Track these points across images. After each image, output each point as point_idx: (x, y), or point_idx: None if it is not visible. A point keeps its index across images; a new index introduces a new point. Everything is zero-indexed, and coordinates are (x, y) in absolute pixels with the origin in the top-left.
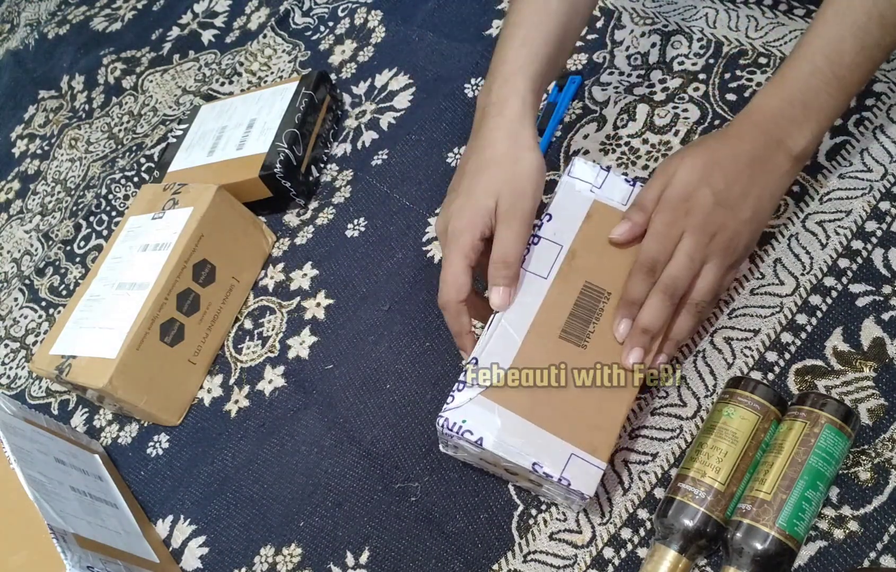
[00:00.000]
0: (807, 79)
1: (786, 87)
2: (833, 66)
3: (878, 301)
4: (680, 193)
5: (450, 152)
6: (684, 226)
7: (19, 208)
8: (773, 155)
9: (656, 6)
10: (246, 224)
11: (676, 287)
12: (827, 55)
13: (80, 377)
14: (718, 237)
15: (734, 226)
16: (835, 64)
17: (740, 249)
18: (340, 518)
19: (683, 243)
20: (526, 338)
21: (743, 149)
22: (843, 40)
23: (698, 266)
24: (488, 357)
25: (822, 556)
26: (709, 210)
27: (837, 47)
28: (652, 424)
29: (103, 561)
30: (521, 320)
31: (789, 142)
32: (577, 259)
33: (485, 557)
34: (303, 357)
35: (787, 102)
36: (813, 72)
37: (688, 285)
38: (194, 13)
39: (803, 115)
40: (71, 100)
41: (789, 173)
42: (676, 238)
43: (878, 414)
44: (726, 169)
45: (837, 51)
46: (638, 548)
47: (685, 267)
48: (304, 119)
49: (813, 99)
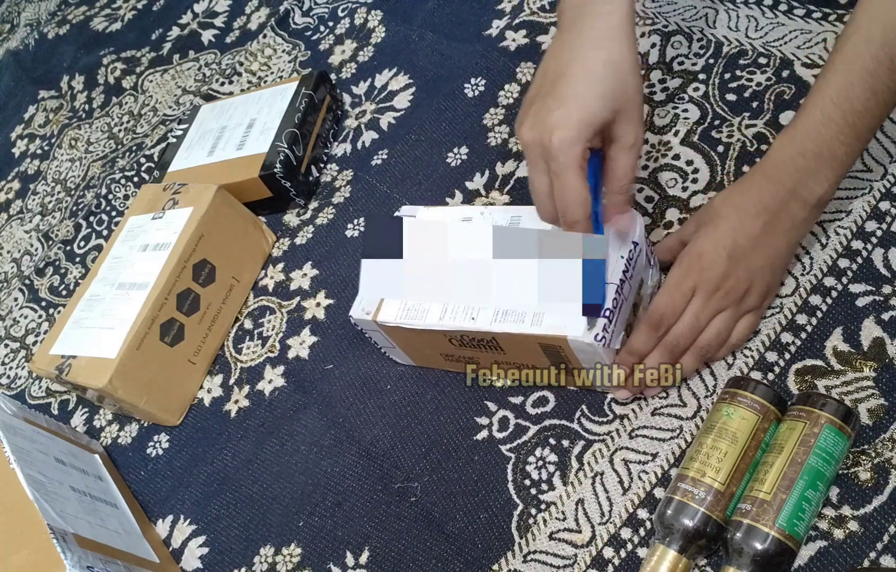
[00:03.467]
0: (818, 128)
1: (797, 139)
2: (844, 114)
3: (878, 301)
4: (695, 250)
5: (450, 152)
6: (696, 281)
7: (19, 208)
8: (787, 205)
9: (656, 6)
10: (246, 224)
11: (679, 346)
12: (837, 103)
13: (80, 377)
14: (729, 290)
15: (746, 276)
16: (846, 112)
17: (753, 297)
18: (340, 518)
19: (693, 303)
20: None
21: (752, 201)
22: (852, 87)
23: (704, 323)
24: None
25: (822, 556)
26: (721, 265)
27: (847, 94)
28: (652, 424)
29: (103, 561)
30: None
31: (804, 192)
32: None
33: (485, 557)
34: (303, 357)
35: (799, 153)
36: (824, 121)
37: (691, 341)
38: (194, 13)
39: (816, 164)
40: (71, 100)
41: (807, 220)
42: (688, 294)
43: (878, 414)
44: (734, 222)
45: (847, 98)
46: (638, 548)
47: (689, 326)
48: (304, 119)
49: (825, 148)
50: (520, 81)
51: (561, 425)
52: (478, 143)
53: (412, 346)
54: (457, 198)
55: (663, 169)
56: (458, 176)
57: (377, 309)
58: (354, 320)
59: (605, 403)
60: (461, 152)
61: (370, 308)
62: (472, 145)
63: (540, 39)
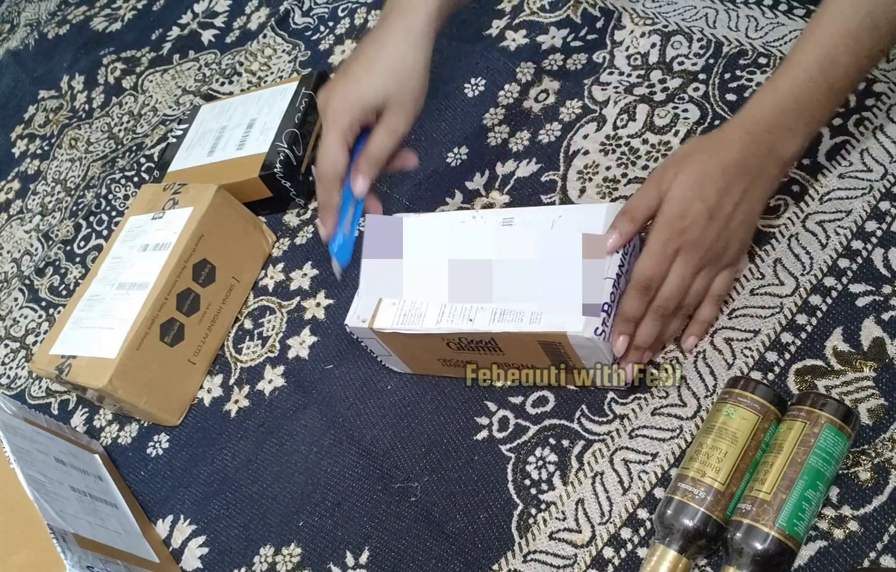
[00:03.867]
0: (801, 87)
1: (780, 96)
2: (827, 75)
3: (878, 301)
4: (676, 211)
5: (450, 152)
6: (680, 243)
7: (19, 208)
8: (764, 163)
9: (656, 6)
10: (246, 224)
11: (669, 307)
12: (821, 64)
13: (80, 377)
14: (711, 250)
15: (726, 235)
16: (829, 73)
17: (731, 253)
18: (340, 517)
19: (678, 263)
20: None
21: (734, 158)
22: (836, 48)
23: (690, 282)
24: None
25: (822, 556)
26: (704, 226)
27: (831, 55)
28: (652, 424)
29: (103, 561)
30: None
31: (780, 149)
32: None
33: (485, 557)
34: (303, 357)
35: (780, 111)
36: (807, 80)
37: (679, 302)
38: (194, 13)
39: (795, 123)
40: (71, 100)
41: (778, 178)
42: (672, 256)
43: (878, 414)
44: (718, 181)
45: (831, 59)
46: (638, 548)
47: (677, 287)
48: (304, 119)
49: (805, 107)
50: (520, 81)
51: (561, 425)
52: (478, 143)
53: (409, 353)
54: (457, 198)
55: None
56: (458, 176)
57: (373, 316)
58: (350, 329)
59: (605, 403)
60: (461, 152)
61: (366, 315)
62: (472, 145)
63: (540, 39)
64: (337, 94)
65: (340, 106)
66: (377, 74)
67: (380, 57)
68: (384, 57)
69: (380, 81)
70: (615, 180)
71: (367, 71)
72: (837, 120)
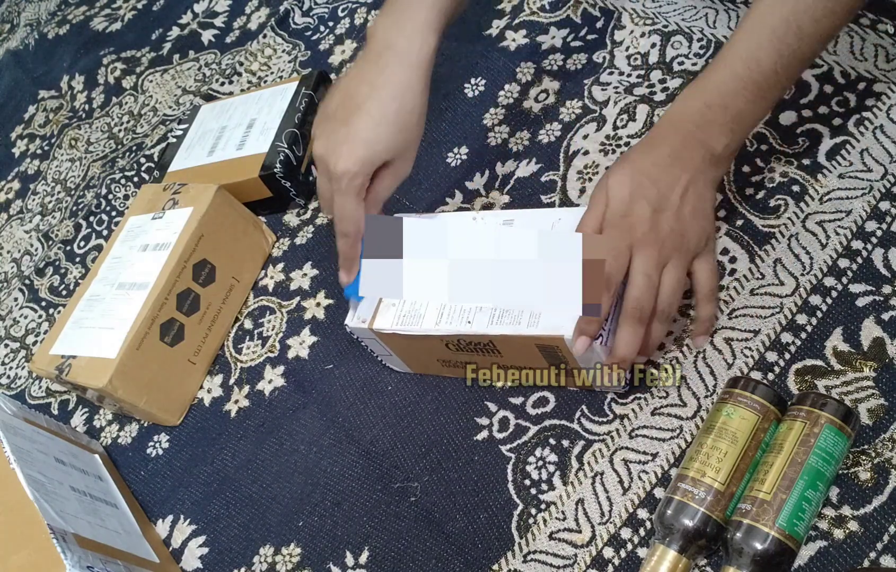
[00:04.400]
0: (726, 83)
1: (705, 91)
2: (751, 72)
3: (878, 301)
4: (617, 210)
5: (450, 152)
6: (631, 240)
7: (19, 208)
8: (694, 153)
9: (656, 6)
10: (246, 224)
11: (643, 309)
12: (745, 61)
13: (80, 377)
14: (668, 241)
15: (679, 224)
16: (753, 70)
17: (691, 242)
18: (340, 517)
19: (636, 262)
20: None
21: (664, 151)
22: (760, 47)
23: (657, 279)
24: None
25: (822, 556)
26: (649, 219)
27: (755, 53)
28: (652, 424)
29: (103, 561)
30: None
31: (710, 141)
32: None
33: (485, 557)
34: (303, 357)
35: (705, 105)
36: (732, 76)
37: (652, 300)
38: (194, 13)
39: (722, 117)
40: (71, 100)
41: (716, 167)
42: (626, 252)
43: (878, 414)
44: (652, 174)
45: (755, 57)
46: (638, 548)
47: (645, 286)
48: (304, 119)
49: (731, 102)
50: (520, 81)
51: (561, 425)
52: (478, 143)
53: (409, 353)
54: (457, 198)
55: None
56: (458, 176)
57: (373, 317)
58: (350, 329)
59: (605, 403)
60: (461, 152)
61: (366, 316)
62: (472, 145)
63: (540, 39)
64: (343, 155)
65: (353, 168)
66: (385, 132)
67: (387, 111)
68: (392, 111)
69: (390, 139)
70: None
71: (374, 128)
72: (837, 120)
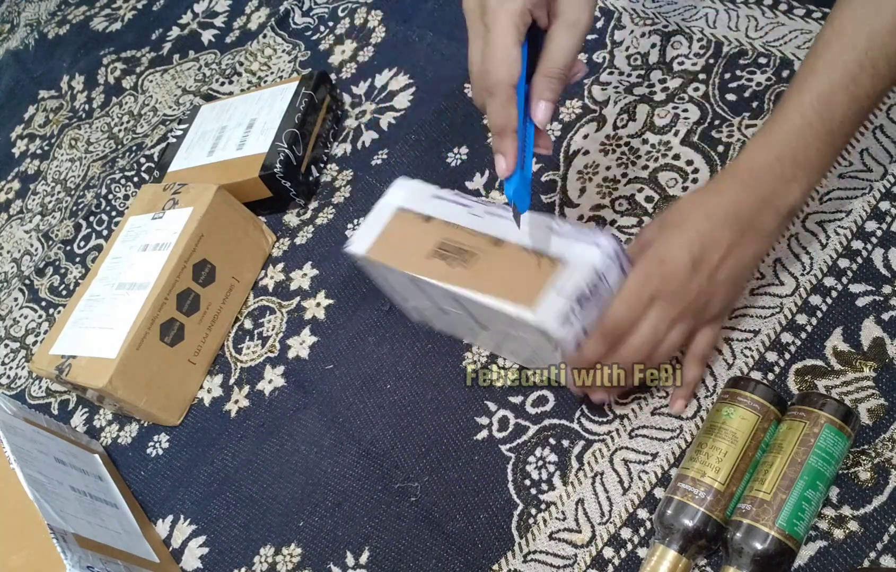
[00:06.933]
0: (797, 135)
1: (775, 143)
2: (824, 121)
3: (878, 301)
4: (657, 256)
5: (450, 152)
6: (657, 290)
7: (19, 208)
8: (759, 214)
9: (656, 6)
10: (246, 224)
11: (636, 360)
12: (817, 109)
13: (80, 377)
14: (690, 302)
15: (709, 287)
16: (826, 119)
17: (713, 310)
18: (340, 518)
19: (653, 312)
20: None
21: (723, 208)
22: (834, 94)
23: (662, 336)
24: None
25: (822, 556)
26: (685, 276)
27: (829, 100)
28: (652, 424)
29: (103, 561)
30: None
31: (777, 200)
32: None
33: (485, 557)
34: (303, 357)
35: (775, 159)
36: (804, 126)
37: (648, 355)
38: (194, 13)
39: (793, 172)
40: (71, 100)
41: (775, 232)
42: (647, 302)
43: (878, 414)
44: (703, 230)
45: (829, 104)
46: (638, 548)
47: (648, 339)
48: (304, 119)
49: (803, 155)
50: None
51: (561, 425)
52: (478, 143)
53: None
54: None
55: (663, 169)
56: (458, 176)
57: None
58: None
59: (605, 403)
60: (461, 152)
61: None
62: (472, 145)
63: None
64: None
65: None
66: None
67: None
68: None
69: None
70: (615, 180)
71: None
72: None
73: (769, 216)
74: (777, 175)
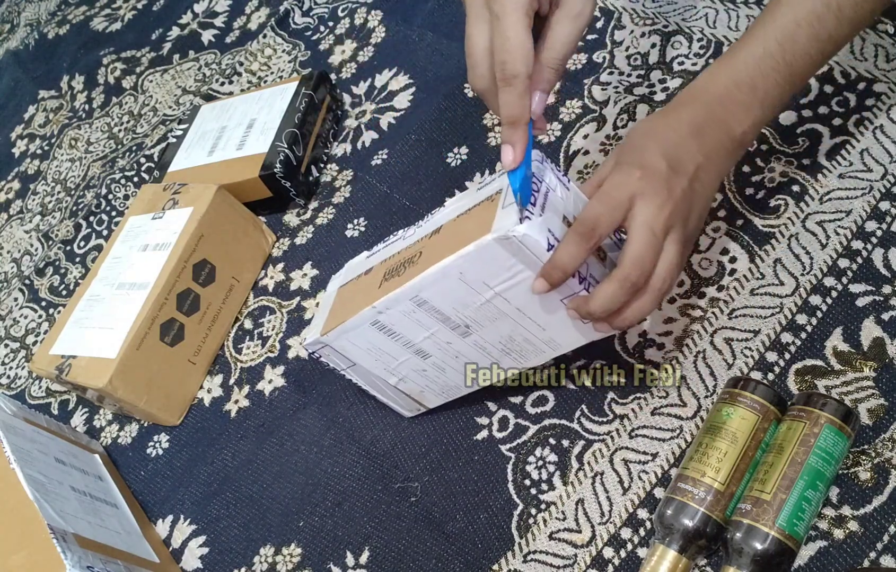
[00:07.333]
0: (757, 62)
1: (735, 68)
2: (785, 52)
3: (878, 301)
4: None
5: (450, 152)
6: (635, 190)
7: (19, 208)
8: (715, 132)
9: (656, 6)
10: (246, 224)
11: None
12: (780, 40)
13: (80, 377)
14: (678, 205)
15: (690, 196)
16: (787, 50)
17: (692, 223)
18: (340, 517)
19: (640, 212)
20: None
21: (684, 119)
22: (798, 26)
23: (662, 241)
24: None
25: (822, 556)
26: (664, 173)
27: (792, 33)
28: (652, 424)
29: (103, 561)
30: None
31: (732, 122)
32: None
33: (485, 557)
34: (303, 357)
35: (734, 83)
36: (764, 55)
37: (653, 265)
38: (194, 13)
39: (750, 98)
40: (71, 100)
41: (730, 155)
42: (625, 202)
43: (878, 414)
44: (671, 133)
45: (791, 37)
46: (638, 548)
47: (649, 243)
48: (304, 119)
49: (760, 83)
50: None
51: (561, 425)
52: (478, 143)
53: None
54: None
55: None
56: (458, 176)
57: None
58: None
59: (605, 403)
60: (461, 152)
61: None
62: (472, 145)
63: None
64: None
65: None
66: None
67: None
68: None
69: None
70: None
71: None
72: (837, 120)
73: (724, 136)
74: (734, 99)
